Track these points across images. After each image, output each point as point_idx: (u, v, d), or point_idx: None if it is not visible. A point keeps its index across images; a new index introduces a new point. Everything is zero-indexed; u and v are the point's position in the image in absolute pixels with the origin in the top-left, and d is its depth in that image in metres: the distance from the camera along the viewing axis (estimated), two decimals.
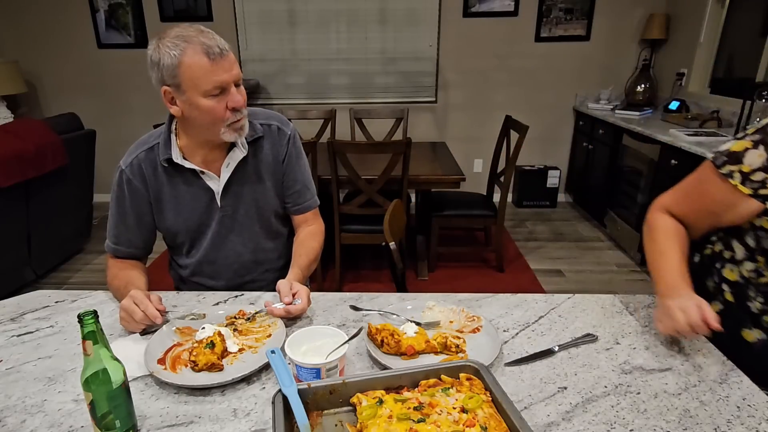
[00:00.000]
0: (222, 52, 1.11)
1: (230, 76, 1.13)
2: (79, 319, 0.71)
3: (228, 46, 1.14)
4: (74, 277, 3.21)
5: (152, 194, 1.28)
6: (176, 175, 1.26)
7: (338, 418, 0.79)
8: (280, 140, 1.33)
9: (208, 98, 1.12)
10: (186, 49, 1.08)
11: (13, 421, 0.83)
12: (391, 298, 1.22)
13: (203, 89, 1.11)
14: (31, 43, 4.26)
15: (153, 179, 1.26)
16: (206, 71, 1.09)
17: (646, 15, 4.04)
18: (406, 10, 4.11)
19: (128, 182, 1.26)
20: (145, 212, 1.29)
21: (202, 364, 0.92)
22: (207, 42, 1.09)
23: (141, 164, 1.26)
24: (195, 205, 1.29)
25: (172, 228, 1.32)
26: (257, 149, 1.31)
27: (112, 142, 4.38)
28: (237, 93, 1.15)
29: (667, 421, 0.81)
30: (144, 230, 1.31)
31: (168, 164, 1.24)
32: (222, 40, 1.14)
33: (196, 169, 1.25)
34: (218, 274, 1.39)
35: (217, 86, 1.11)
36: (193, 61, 1.08)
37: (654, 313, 1.05)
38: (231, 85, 1.14)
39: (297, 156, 1.37)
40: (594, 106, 4.08)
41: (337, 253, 2.92)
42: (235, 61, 1.15)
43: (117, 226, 1.30)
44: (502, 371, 0.94)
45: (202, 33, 1.11)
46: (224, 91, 1.13)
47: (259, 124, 1.31)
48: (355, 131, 3.78)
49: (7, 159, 2.54)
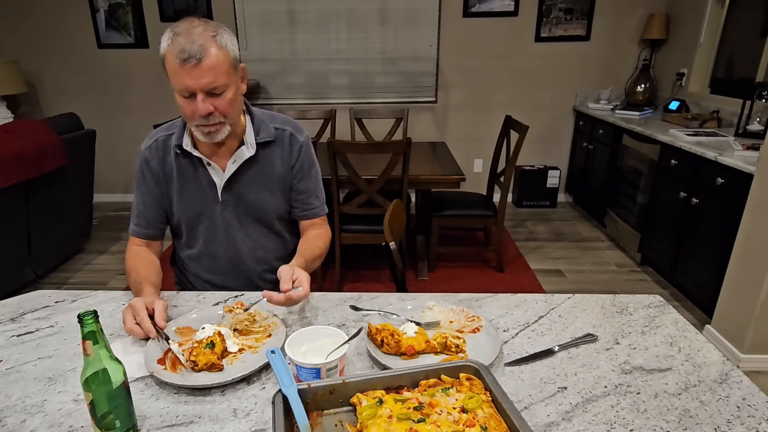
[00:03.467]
0: (191, 59, 1.09)
1: (196, 84, 1.12)
2: (79, 319, 0.71)
3: (215, 53, 1.11)
4: (74, 277, 3.21)
5: (164, 176, 1.33)
6: (186, 163, 1.31)
7: (338, 418, 0.79)
8: (291, 147, 1.35)
9: (180, 96, 1.17)
10: (169, 45, 1.13)
11: (13, 421, 0.83)
12: (391, 298, 1.22)
13: (175, 87, 1.16)
14: (31, 43, 4.26)
15: (166, 162, 1.32)
16: (175, 72, 1.13)
17: (646, 15, 4.04)
18: (406, 10, 4.11)
19: (146, 162, 1.32)
20: (159, 193, 1.34)
21: (202, 364, 0.92)
22: (185, 46, 1.09)
23: (158, 146, 1.32)
24: (198, 193, 1.33)
25: (175, 213, 1.36)
26: (268, 153, 1.33)
27: (112, 142, 4.38)
28: (203, 102, 1.14)
29: (667, 421, 0.81)
30: (160, 209, 1.36)
31: (179, 151, 1.29)
32: (213, 44, 1.11)
33: (203, 160, 1.29)
34: (216, 267, 1.41)
35: (183, 89, 1.14)
36: (169, 59, 1.13)
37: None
38: (198, 92, 1.13)
39: (309, 165, 1.38)
40: (594, 106, 4.08)
41: (337, 253, 2.92)
42: (212, 70, 1.12)
43: (137, 206, 1.35)
44: (502, 371, 0.94)
45: (191, 33, 1.10)
46: (192, 96, 1.15)
47: (274, 128, 1.34)
48: (355, 131, 3.78)
49: (7, 159, 2.54)
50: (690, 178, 2.64)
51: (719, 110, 3.18)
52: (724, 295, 2.24)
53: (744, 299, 2.11)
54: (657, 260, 3.10)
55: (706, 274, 2.50)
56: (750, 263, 2.07)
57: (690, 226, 2.66)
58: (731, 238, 2.18)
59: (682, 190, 2.69)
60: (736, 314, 2.17)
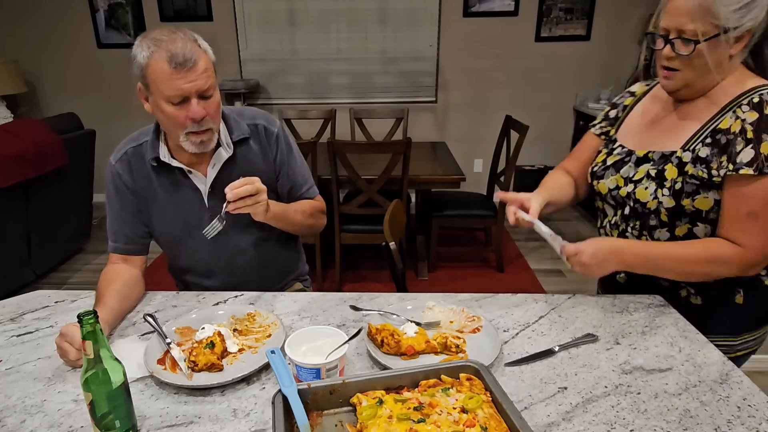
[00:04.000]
0: (187, 62, 1.09)
1: (192, 86, 1.11)
2: (79, 320, 0.71)
3: (203, 56, 1.13)
4: (74, 277, 3.21)
5: (139, 189, 1.28)
6: (165, 175, 1.27)
7: (338, 418, 0.79)
8: (268, 140, 1.34)
9: (169, 105, 1.13)
10: (154, 53, 1.10)
11: (13, 421, 0.83)
12: (391, 298, 1.22)
13: (165, 95, 1.12)
14: (31, 43, 4.26)
15: (140, 175, 1.27)
16: (166, 78, 1.10)
17: (646, 15, 4.03)
18: (406, 10, 4.11)
19: (119, 176, 1.27)
20: (137, 206, 1.29)
21: (202, 364, 0.92)
22: (174, 50, 1.09)
23: (130, 160, 1.27)
24: (183, 205, 1.29)
25: (157, 229, 1.32)
26: (245, 150, 1.31)
27: (112, 142, 4.32)
28: (197, 105, 1.13)
29: (667, 421, 0.81)
30: (139, 223, 1.30)
31: (156, 163, 1.25)
32: (198, 48, 1.12)
33: (184, 169, 1.26)
34: (213, 273, 1.37)
35: (176, 95, 1.11)
36: (157, 66, 1.10)
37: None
38: (192, 95, 1.13)
39: (288, 152, 1.37)
40: (594, 106, 4.07)
41: (337, 253, 2.92)
42: (204, 72, 1.12)
43: (113, 223, 1.29)
44: (502, 371, 0.94)
45: (176, 39, 1.10)
46: (185, 101, 1.13)
47: (246, 124, 1.31)
48: (355, 131, 3.78)
49: (7, 159, 2.54)
50: None
51: None
52: None
53: None
54: None
55: None
56: None
57: None
58: None
59: None
60: None
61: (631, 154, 1.20)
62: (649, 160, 1.16)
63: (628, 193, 1.18)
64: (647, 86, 1.30)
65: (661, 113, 1.21)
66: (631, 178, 1.18)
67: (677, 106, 1.18)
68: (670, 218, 1.13)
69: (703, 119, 1.11)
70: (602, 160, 1.26)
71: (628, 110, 1.30)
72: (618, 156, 1.23)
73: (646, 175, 1.15)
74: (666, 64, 1.09)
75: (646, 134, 1.22)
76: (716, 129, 1.08)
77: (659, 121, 1.21)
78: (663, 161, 1.13)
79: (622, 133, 1.28)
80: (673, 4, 1.04)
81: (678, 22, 1.03)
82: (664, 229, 1.16)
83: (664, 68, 1.10)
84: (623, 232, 1.23)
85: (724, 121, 1.07)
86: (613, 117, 1.33)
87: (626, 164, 1.20)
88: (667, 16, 1.06)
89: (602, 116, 1.36)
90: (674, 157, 1.12)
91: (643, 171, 1.16)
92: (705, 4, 1.00)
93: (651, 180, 1.14)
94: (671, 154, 1.13)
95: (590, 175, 1.30)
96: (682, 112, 1.16)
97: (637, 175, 1.17)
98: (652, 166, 1.15)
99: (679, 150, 1.12)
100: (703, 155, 1.08)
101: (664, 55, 1.08)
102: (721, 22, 1.00)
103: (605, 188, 1.24)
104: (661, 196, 1.12)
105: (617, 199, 1.22)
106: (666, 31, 1.06)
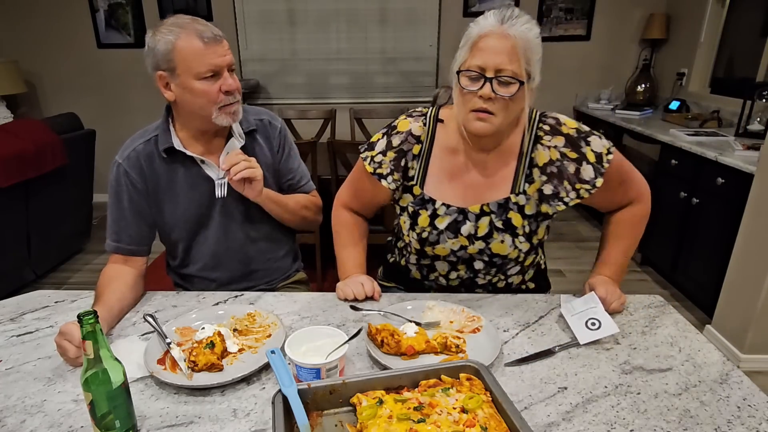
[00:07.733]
0: (216, 38, 1.17)
1: (223, 60, 1.18)
2: (79, 319, 0.71)
3: (223, 35, 1.20)
4: (74, 277, 3.21)
5: (150, 186, 1.28)
6: (175, 165, 1.28)
7: (338, 418, 0.79)
8: (272, 133, 1.39)
9: (201, 81, 1.17)
10: (180, 34, 1.15)
11: (13, 421, 0.83)
12: (392, 298, 1.22)
13: (196, 71, 1.16)
14: (31, 43, 4.26)
15: (150, 171, 1.28)
16: (199, 54, 1.15)
17: (646, 15, 4.04)
18: (406, 10, 4.11)
19: (126, 174, 1.26)
20: (144, 205, 1.29)
21: (202, 364, 0.92)
22: (200, 28, 1.16)
23: (138, 156, 1.27)
24: (193, 195, 1.30)
25: (170, 222, 1.32)
26: (253, 141, 1.35)
27: (112, 142, 4.34)
28: (230, 77, 1.20)
29: (667, 421, 0.81)
30: (143, 224, 1.30)
31: (167, 154, 1.26)
32: (217, 29, 1.19)
33: (197, 158, 1.27)
34: (222, 264, 1.38)
35: (209, 69, 1.16)
36: (187, 44, 1.15)
37: (338, 285, 1.24)
38: (224, 69, 1.19)
39: (290, 147, 1.43)
40: (594, 106, 4.08)
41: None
42: (229, 49, 1.21)
43: (116, 222, 1.29)
44: (502, 371, 0.94)
45: (197, 21, 1.18)
46: (217, 75, 1.18)
47: (252, 118, 1.36)
48: (355, 131, 3.78)
49: (7, 159, 2.54)
50: (690, 178, 2.64)
51: (719, 110, 3.18)
52: (724, 295, 2.24)
53: (744, 299, 2.10)
54: (657, 260, 3.10)
55: (707, 274, 2.50)
56: (750, 263, 2.07)
57: (690, 226, 2.66)
58: (731, 238, 2.18)
59: (682, 190, 2.69)
60: (736, 314, 2.16)
61: (464, 212, 1.15)
62: (486, 213, 1.14)
63: (480, 249, 1.16)
64: (423, 125, 1.21)
65: (462, 166, 1.17)
66: (475, 236, 1.15)
67: (476, 155, 1.15)
68: (524, 257, 1.19)
69: (509, 161, 1.14)
70: (429, 223, 1.17)
71: (423, 161, 1.19)
72: (448, 216, 1.16)
73: (493, 229, 1.14)
74: (483, 106, 1.03)
75: (461, 189, 1.17)
76: (536, 165, 1.12)
77: (467, 172, 1.16)
78: (503, 210, 1.13)
79: (431, 189, 1.18)
80: (487, 43, 1.00)
81: (497, 60, 0.99)
82: (516, 267, 1.22)
83: (479, 110, 1.04)
84: (470, 280, 1.24)
85: (540, 156, 1.11)
86: (404, 166, 1.20)
87: (463, 223, 1.15)
88: (481, 54, 1.01)
89: (389, 164, 1.20)
90: (511, 203, 1.13)
91: (485, 226, 1.14)
92: (525, 47, 1.01)
93: (502, 232, 1.14)
94: (506, 201, 1.13)
95: (419, 242, 1.20)
96: (486, 160, 1.15)
97: (480, 231, 1.14)
98: (496, 217, 1.14)
99: (512, 195, 1.13)
100: (549, 192, 1.11)
101: (484, 95, 1.02)
102: (532, 69, 1.03)
103: (446, 251, 1.18)
104: (519, 244, 1.15)
105: (462, 257, 1.19)
106: (481, 69, 1.01)
